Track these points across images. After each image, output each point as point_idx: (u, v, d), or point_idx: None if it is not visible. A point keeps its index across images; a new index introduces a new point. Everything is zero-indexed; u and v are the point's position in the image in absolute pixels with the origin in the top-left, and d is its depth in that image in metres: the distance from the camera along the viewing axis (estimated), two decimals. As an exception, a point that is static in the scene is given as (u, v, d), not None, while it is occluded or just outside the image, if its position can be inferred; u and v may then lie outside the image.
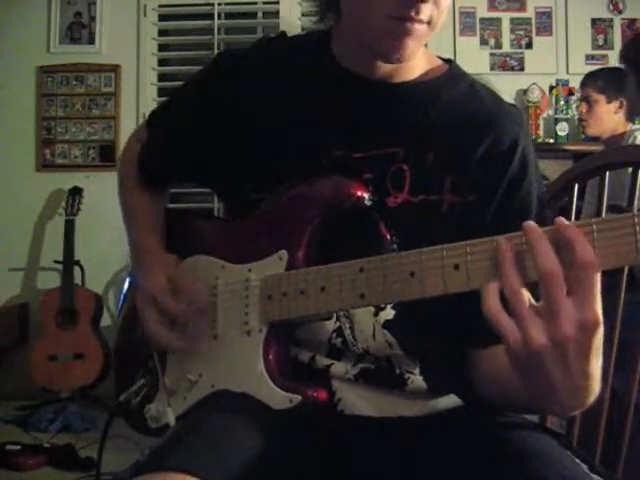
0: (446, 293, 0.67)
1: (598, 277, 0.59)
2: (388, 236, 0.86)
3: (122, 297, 1.05)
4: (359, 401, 0.86)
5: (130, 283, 1.05)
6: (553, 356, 0.60)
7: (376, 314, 0.86)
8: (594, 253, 0.58)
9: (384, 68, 0.88)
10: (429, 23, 0.80)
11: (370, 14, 0.79)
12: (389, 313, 0.87)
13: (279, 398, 0.78)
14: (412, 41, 0.80)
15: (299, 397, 0.77)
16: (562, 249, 0.59)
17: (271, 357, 0.81)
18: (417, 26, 0.78)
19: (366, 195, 0.82)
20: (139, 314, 0.92)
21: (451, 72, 0.93)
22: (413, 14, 0.77)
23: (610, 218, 0.59)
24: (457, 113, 0.89)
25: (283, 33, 0.99)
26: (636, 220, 0.57)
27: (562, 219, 0.61)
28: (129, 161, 1.08)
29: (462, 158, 0.87)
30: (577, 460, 0.75)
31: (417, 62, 0.90)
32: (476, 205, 0.86)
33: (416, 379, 0.87)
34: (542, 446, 0.76)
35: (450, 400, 0.89)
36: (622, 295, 1.05)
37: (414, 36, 0.79)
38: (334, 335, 0.86)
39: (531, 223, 0.61)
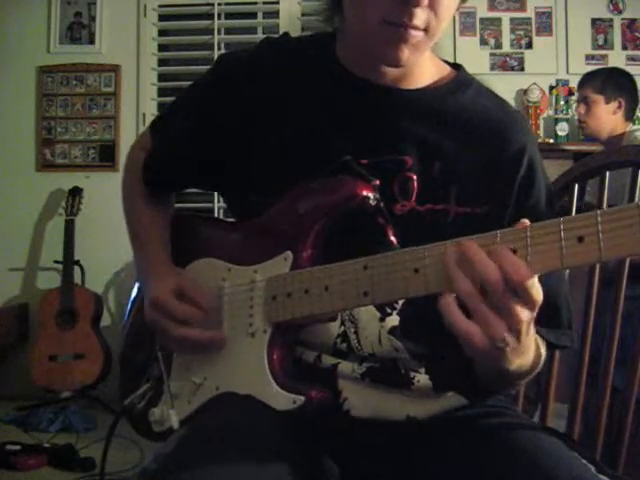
0: (450, 289, 0.67)
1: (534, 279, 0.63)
2: (394, 240, 0.85)
3: (130, 303, 1.04)
4: (365, 401, 0.85)
5: (138, 289, 1.04)
6: (512, 341, 0.64)
7: (382, 319, 0.86)
8: (526, 263, 0.62)
9: (390, 74, 0.87)
10: (426, 31, 0.79)
11: (366, 16, 0.78)
12: (395, 319, 0.86)
13: (282, 399, 0.78)
14: (408, 48, 0.79)
15: (302, 398, 0.77)
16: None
17: (275, 358, 0.81)
18: (412, 32, 0.78)
19: (371, 195, 0.81)
20: (148, 324, 0.91)
21: (458, 79, 0.92)
22: (407, 20, 0.76)
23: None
24: (463, 122, 0.88)
25: (286, 34, 0.98)
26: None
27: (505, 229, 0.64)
28: (134, 170, 1.05)
29: (468, 168, 0.87)
30: (584, 461, 0.75)
31: (425, 69, 0.89)
32: (486, 217, 0.86)
33: (422, 378, 0.87)
34: (552, 447, 0.76)
35: (457, 400, 0.89)
36: (622, 290, 1.05)
37: (410, 43, 0.78)
38: (339, 340, 0.86)
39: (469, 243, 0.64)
